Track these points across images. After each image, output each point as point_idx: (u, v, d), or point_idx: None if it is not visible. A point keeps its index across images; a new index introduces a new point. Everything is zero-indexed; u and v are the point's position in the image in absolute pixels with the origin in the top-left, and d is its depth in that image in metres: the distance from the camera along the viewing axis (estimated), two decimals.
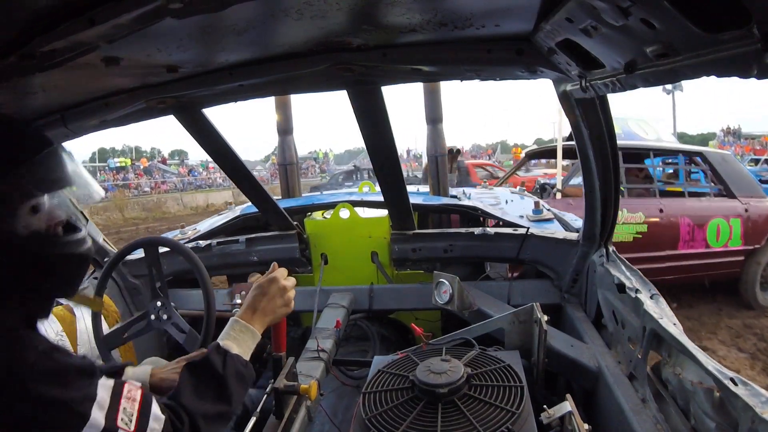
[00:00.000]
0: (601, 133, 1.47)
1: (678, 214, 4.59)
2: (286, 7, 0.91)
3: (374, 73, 1.36)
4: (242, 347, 1.05)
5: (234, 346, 1.03)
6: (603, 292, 1.72)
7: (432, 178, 3.07)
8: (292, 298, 1.17)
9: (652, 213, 4.51)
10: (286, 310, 1.16)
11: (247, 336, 1.07)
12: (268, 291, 1.14)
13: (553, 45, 1.07)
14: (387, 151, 1.83)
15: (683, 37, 0.73)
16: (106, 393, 0.81)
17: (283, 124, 3.32)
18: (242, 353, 1.04)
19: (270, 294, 1.13)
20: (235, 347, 1.04)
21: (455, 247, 2.24)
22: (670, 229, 4.55)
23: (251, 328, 1.08)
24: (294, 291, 1.18)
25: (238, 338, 1.06)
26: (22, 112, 1.36)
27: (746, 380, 1.00)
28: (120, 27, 0.76)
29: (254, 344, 1.08)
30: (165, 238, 2.07)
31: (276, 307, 1.14)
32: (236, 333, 1.06)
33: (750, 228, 4.72)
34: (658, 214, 4.53)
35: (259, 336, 1.10)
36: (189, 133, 1.81)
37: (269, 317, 1.13)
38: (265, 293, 1.13)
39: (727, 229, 4.67)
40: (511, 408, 1.09)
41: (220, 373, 0.96)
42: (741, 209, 4.72)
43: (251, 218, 2.63)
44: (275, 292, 1.14)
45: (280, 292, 1.14)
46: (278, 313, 1.15)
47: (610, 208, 1.70)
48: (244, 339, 1.06)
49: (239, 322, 1.08)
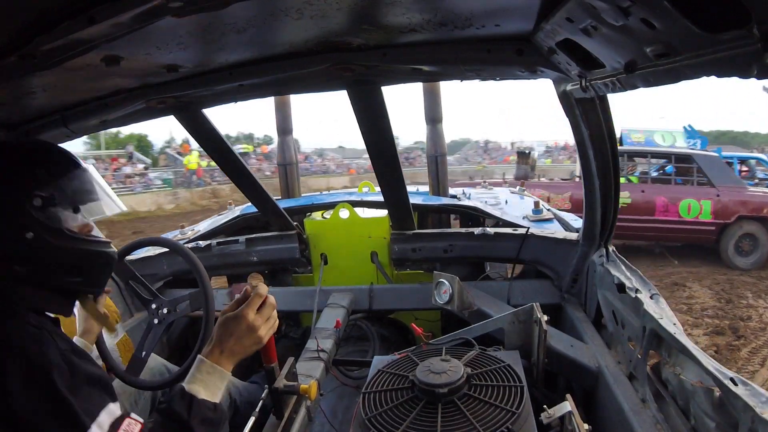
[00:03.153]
0: (601, 133, 1.47)
1: (655, 194, 7.11)
2: (286, 6, 0.91)
3: (374, 73, 1.36)
4: (210, 389, 0.99)
5: (201, 390, 0.97)
6: (603, 292, 1.72)
7: (432, 178, 3.07)
8: (263, 335, 1.06)
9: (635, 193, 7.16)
10: (256, 347, 1.06)
11: (215, 377, 1.00)
12: (235, 330, 1.03)
13: (553, 45, 1.07)
14: (387, 151, 1.83)
15: (683, 37, 0.73)
16: (107, 419, 0.85)
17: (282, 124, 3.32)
18: (210, 396, 0.98)
19: (237, 333, 1.03)
20: (202, 391, 0.97)
21: (455, 247, 2.24)
22: (648, 204, 7.07)
23: (218, 368, 1.01)
24: (270, 321, 1.07)
25: (206, 380, 0.99)
26: (22, 112, 1.36)
27: (746, 380, 1.00)
28: (120, 26, 0.76)
29: (224, 384, 1.02)
30: (164, 238, 2.07)
31: (245, 346, 1.04)
32: (203, 375, 0.99)
33: (720, 208, 6.85)
34: (640, 194, 7.14)
35: (229, 374, 1.03)
36: (189, 133, 1.81)
37: (238, 356, 1.04)
38: (231, 333, 1.03)
39: (698, 207, 6.92)
40: (511, 408, 1.09)
41: (185, 419, 0.92)
42: (713, 194, 6.86)
43: (251, 218, 2.63)
44: (243, 332, 1.03)
45: (248, 330, 1.04)
46: (248, 351, 1.05)
47: (610, 208, 1.70)
48: (212, 381, 0.99)
49: (206, 363, 1.00)
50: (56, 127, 1.44)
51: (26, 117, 1.40)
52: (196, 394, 0.96)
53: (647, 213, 7.04)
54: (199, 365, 1.00)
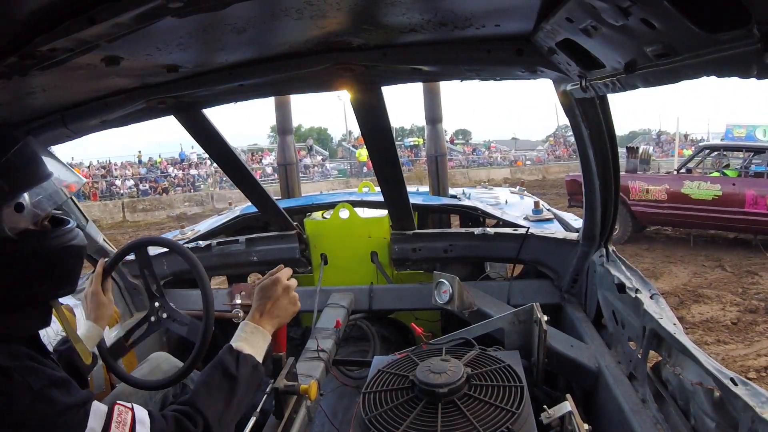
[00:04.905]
0: (601, 133, 1.47)
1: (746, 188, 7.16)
2: (286, 6, 0.91)
3: (374, 73, 1.36)
4: (254, 348, 1.07)
5: (246, 347, 1.05)
6: (603, 292, 1.72)
7: (432, 178, 3.07)
8: (297, 296, 1.18)
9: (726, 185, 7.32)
10: (294, 309, 1.17)
11: (258, 337, 1.09)
12: (273, 293, 1.14)
13: (553, 45, 1.07)
14: (387, 151, 1.83)
15: (683, 37, 0.73)
16: (97, 422, 0.83)
17: (282, 124, 3.32)
18: (255, 354, 1.06)
19: (275, 295, 1.14)
20: (248, 348, 1.05)
21: (455, 247, 2.24)
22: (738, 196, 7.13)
23: (261, 329, 1.09)
24: None
25: (249, 339, 1.07)
26: (22, 112, 1.36)
27: (746, 380, 1.00)
28: (120, 26, 0.76)
29: (266, 345, 1.10)
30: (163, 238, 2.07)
31: (283, 306, 1.15)
32: (247, 335, 1.08)
33: None
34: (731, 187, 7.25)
35: (270, 337, 1.11)
36: (189, 133, 1.81)
37: (277, 318, 1.14)
38: (269, 295, 1.14)
39: None
40: (511, 408, 1.09)
41: (233, 374, 0.99)
42: None
43: (251, 218, 2.63)
44: (280, 294, 1.14)
45: (285, 291, 1.15)
46: (287, 312, 1.16)
47: (609, 208, 1.70)
48: (255, 340, 1.08)
49: (249, 324, 1.09)
50: (56, 127, 1.44)
51: (26, 117, 1.40)
52: (241, 350, 1.04)
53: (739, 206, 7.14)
54: (243, 327, 1.09)
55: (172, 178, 20.36)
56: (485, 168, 25.39)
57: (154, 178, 20.06)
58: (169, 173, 20.78)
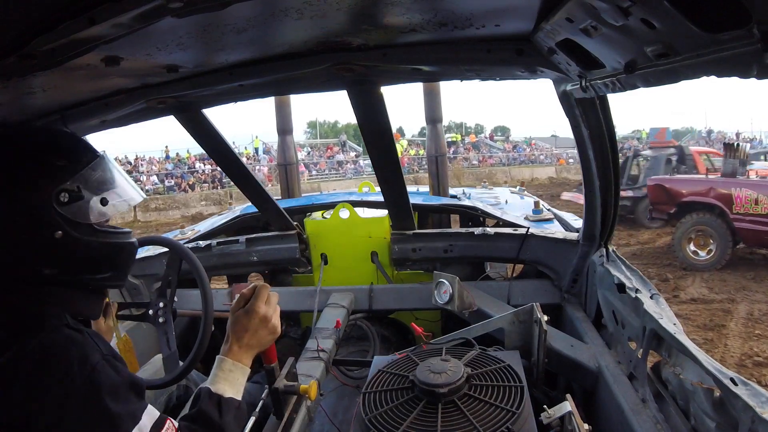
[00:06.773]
0: (601, 133, 1.47)
1: None
2: (286, 6, 0.91)
3: (374, 73, 1.36)
4: (234, 387, 1.00)
5: (227, 388, 0.99)
6: (603, 292, 1.72)
7: (432, 178, 3.07)
8: (277, 324, 1.09)
9: None
10: (273, 338, 1.09)
11: (237, 374, 1.02)
12: (249, 325, 1.05)
13: (553, 45, 1.07)
14: (387, 151, 1.83)
15: (683, 37, 0.73)
16: (149, 421, 0.84)
17: (282, 124, 3.32)
18: (235, 394, 1.00)
19: (252, 327, 1.05)
20: (228, 388, 0.99)
21: (455, 247, 2.24)
22: None
23: (239, 365, 1.02)
24: (278, 314, 1.10)
25: (228, 378, 1.00)
26: (22, 112, 1.36)
27: (746, 380, 1.00)
28: (120, 26, 0.76)
29: (245, 379, 1.03)
30: (164, 238, 2.07)
31: (261, 338, 1.07)
32: (225, 373, 1.01)
33: None
34: None
35: (249, 369, 1.04)
36: (189, 133, 1.81)
37: (256, 349, 1.07)
38: (246, 328, 1.05)
39: None
40: (511, 408, 1.09)
41: (217, 423, 0.94)
42: None
43: (251, 218, 2.63)
44: (257, 324, 1.05)
45: (262, 322, 1.06)
46: (265, 341, 1.08)
47: (609, 208, 1.70)
48: (234, 378, 1.01)
49: (226, 361, 1.02)
50: (56, 127, 1.44)
51: (26, 117, 1.40)
52: (222, 394, 0.98)
53: None
54: (221, 364, 1.03)
55: (199, 174, 19.91)
56: (528, 166, 24.59)
57: (180, 174, 19.55)
58: (197, 169, 20.27)
